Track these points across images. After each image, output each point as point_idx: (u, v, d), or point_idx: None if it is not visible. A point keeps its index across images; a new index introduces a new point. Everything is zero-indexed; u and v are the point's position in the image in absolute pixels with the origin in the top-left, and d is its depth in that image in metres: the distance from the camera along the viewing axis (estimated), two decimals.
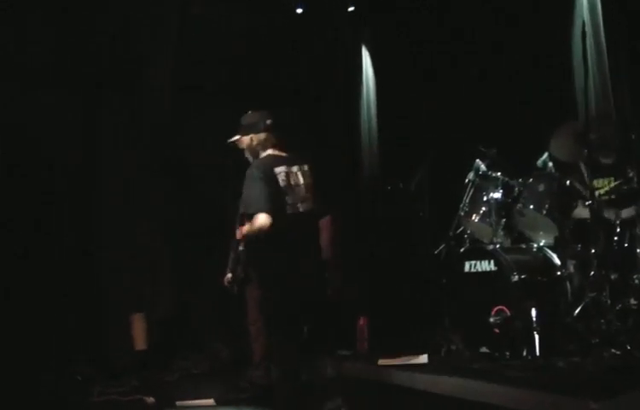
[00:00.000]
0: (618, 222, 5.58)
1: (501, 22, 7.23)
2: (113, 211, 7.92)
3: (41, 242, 7.38)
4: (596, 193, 5.58)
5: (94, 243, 7.88)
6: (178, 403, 6.19)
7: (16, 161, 7.35)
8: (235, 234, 6.29)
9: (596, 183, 5.61)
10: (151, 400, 6.29)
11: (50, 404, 6.34)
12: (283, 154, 5.15)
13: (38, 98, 7.53)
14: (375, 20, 8.70)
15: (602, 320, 5.24)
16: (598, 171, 5.69)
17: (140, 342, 7.49)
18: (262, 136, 5.16)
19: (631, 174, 5.52)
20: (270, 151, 5.15)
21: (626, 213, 5.58)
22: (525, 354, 5.34)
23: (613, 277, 5.46)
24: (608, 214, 5.62)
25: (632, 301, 5.34)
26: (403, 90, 8.21)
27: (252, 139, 5.19)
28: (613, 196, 5.65)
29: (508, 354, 5.44)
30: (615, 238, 5.57)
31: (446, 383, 5.03)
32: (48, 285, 7.31)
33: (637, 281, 5.38)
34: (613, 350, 5.07)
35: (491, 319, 5.54)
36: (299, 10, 8.55)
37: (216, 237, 6.71)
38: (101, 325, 7.72)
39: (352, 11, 8.67)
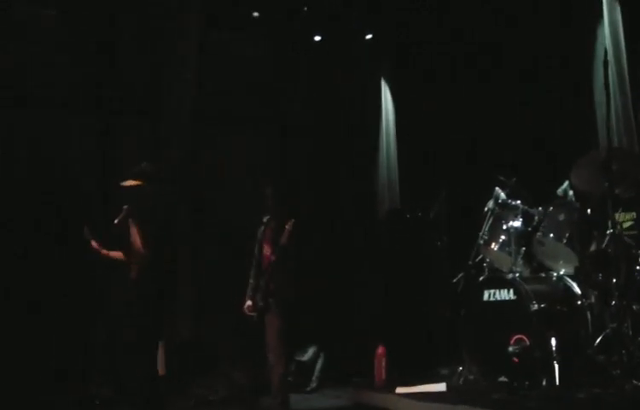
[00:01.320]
0: (639, 253, 5.53)
1: (525, 51, 7.24)
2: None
3: (59, 263, 7.42)
4: (618, 224, 5.53)
5: (113, 264, 7.90)
6: None
7: (36, 181, 7.44)
8: (255, 262, 6.34)
9: (617, 216, 5.56)
10: None
11: None
12: None
13: (58, 120, 7.64)
14: (392, 50, 8.73)
15: (624, 351, 5.17)
16: (620, 203, 5.65)
17: (159, 367, 7.48)
18: None
19: None
20: None
21: None
22: (544, 384, 5.28)
23: (635, 307, 5.40)
24: (630, 245, 5.56)
25: None
26: (422, 119, 8.23)
27: None
28: (635, 231, 5.61)
29: (527, 383, 5.38)
30: (637, 268, 5.50)
31: None
32: (66, 307, 7.33)
33: None
34: (634, 382, 5.00)
35: (510, 349, 5.50)
36: (317, 37, 8.60)
37: (235, 264, 6.73)
38: (119, 348, 7.72)
39: (370, 40, 8.70)
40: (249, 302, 6.20)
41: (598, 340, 5.41)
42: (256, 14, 8.11)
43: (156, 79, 8.05)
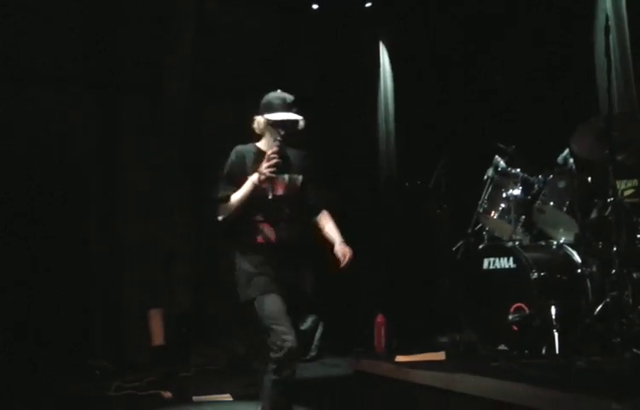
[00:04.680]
0: None
1: (521, 17, 7.17)
2: (131, 208, 7.96)
3: (60, 238, 7.42)
4: (619, 192, 5.49)
5: (112, 238, 7.90)
6: (195, 398, 6.19)
7: (33, 159, 7.39)
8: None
9: (618, 184, 5.52)
10: (168, 394, 6.28)
11: (68, 398, 6.34)
12: None
13: (57, 99, 7.58)
14: (392, 16, 8.64)
15: (624, 320, 5.16)
16: (621, 171, 5.60)
17: (157, 338, 7.51)
18: None
19: None
20: None
21: None
22: (544, 352, 5.29)
23: (635, 276, 5.38)
24: (631, 213, 5.54)
25: None
26: (420, 87, 8.17)
27: None
28: (636, 199, 5.57)
29: (527, 352, 5.38)
30: (638, 236, 5.48)
31: (465, 382, 4.95)
32: (66, 280, 7.34)
33: None
34: (634, 350, 4.99)
35: (510, 317, 5.50)
36: (315, 6, 8.52)
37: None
38: (119, 320, 7.74)
39: (368, 8, 8.62)
40: None
41: (598, 308, 5.38)
42: None
43: (155, 56, 8.00)
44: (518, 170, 6.10)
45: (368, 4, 8.60)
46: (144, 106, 8.04)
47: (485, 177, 6.29)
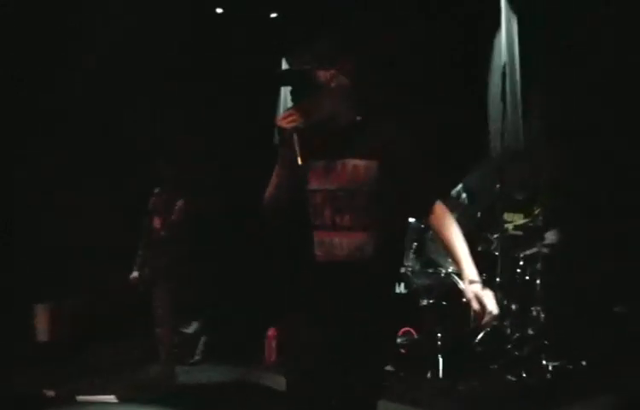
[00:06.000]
0: (522, 256, 5.89)
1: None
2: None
3: None
4: (506, 226, 5.86)
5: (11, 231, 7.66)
6: (79, 398, 6.10)
7: None
8: (145, 226, 6.27)
9: (506, 216, 5.89)
10: (51, 393, 6.17)
11: None
12: None
13: None
14: None
15: (502, 348, 5.52)
16: (509, 206, 5.97)
17: (43, 334, 7.34)
18: None
19: (536, 212, 5.84)
20: None
21: (530, 249, 5.89)
22: (429, 376, 5.57)
23: (513, 307, 5.76)
24: (514, 248, 5.92)
25: (530, 332, 5.66)
26: None
27: None
28: (520, 232, 5.95)
29: (412, 375, 5.64)
30: (518, 270, 5.87)
31: None
32: None
33: (534, 313, 5.70)
34: (509, 376, 5.36)
35: (399, 340, 5.74)
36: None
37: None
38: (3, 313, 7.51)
39: None
40: (135, 274, 6.22)
41: (480, 335, 5.73)
42: None
43: None
44: None
45: None
46: None
47: None
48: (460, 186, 6.17)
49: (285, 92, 2.99)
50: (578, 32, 5.90)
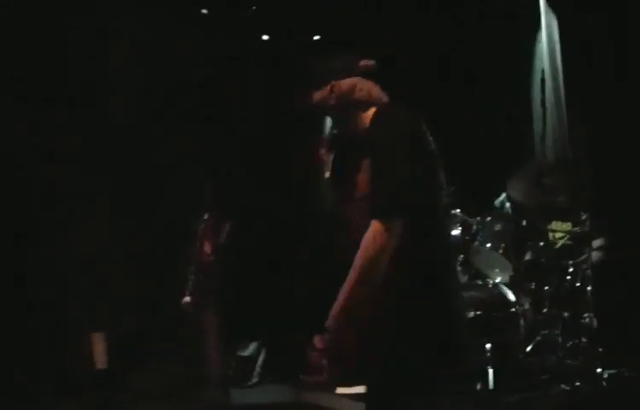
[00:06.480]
0: (571, 263, 5.80)
1: (464, 60, 7.38)
2: (71, 227, 7.89)
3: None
4: (552, 235, 5.78)
5: (52, 257, 7.83)
6: None
7: None
8: (195, 251, 6.36)
9: (553, 225, 5.81)
10: None
11: None
12: None
13: None
14: None
15: (553, 357, 5.43)
16: (554, 214, 5.89)
17: (100, 361, 7.47)
18: None
19: (584, 218, 5.74)
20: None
21: (579, 256, 5.79)
22: (478, 388, 5.50)
23: (565, 315, 5.67)
24: (562, 256, 5.83)
25: (583, 340, 5.56)
26: None
27: None
28: (568, 240, 5.87)
29: (462, 387, 5.58)
30: (568, 278, 5.78)
31: None
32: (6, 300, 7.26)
33: (587, 320, 5.58)
34: (562, 386, 5.26)
35: None
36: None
37: (175, 254, 6.76)
38: (61, 341, 7.66)
39: None
40: (187, 299, 6.31)
41: (530, 346, 5.65)
42: None
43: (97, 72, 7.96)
44: (457, 211, 6.32)
45: None
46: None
47: None
48: (503, 196, 6.11)
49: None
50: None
